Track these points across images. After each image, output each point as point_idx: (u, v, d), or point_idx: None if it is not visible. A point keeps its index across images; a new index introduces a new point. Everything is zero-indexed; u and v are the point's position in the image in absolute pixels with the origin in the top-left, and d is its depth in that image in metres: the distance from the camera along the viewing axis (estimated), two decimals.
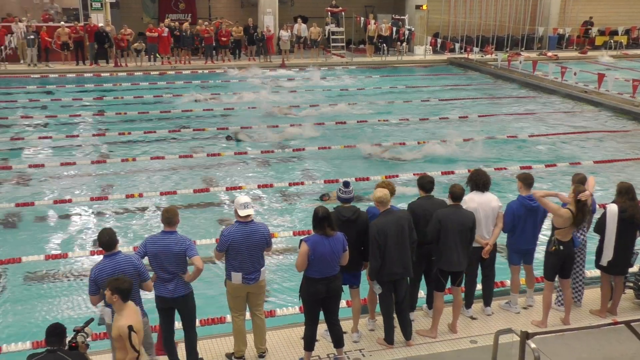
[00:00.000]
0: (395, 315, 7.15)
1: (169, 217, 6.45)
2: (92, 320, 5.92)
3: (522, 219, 7.60)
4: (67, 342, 5.43)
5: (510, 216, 7.61)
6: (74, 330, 5.59)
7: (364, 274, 7.27)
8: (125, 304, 5.65)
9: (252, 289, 6.75)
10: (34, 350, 6.79)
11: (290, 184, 13.25)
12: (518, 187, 7.82)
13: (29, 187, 13.21)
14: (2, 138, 16.74)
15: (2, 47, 24.81)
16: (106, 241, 6.01)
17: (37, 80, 24.32)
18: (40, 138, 16.50)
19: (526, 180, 7.69)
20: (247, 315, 6.99)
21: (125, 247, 9.57)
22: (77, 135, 16.78)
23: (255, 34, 28.59)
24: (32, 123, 18.22)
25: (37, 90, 22.75)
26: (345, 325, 7.18)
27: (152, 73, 25.99)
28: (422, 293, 7.98)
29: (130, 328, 5.49)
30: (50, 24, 27.09)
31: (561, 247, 7.28)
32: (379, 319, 7.45)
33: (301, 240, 6.50)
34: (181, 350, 6.77)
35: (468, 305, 7.87)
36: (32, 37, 25.49)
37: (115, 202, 12.25)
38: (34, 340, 7.28)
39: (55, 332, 5.33)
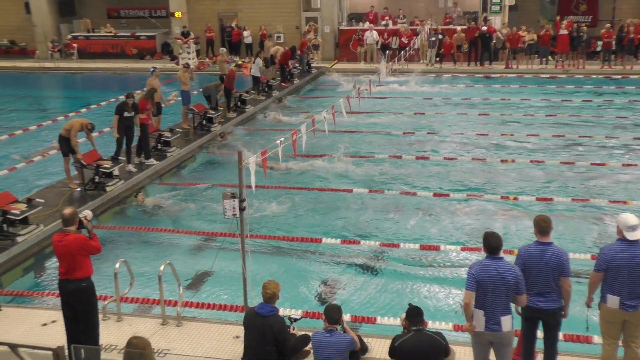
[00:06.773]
0: None
1: (546, 227, 6.18)
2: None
3: None
4: None
5: None
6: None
7: None
8: None
9: (631, 318, 6.12)
10: (400, 327, 7.31)
11: None
12: None
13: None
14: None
15: (407, 48, 27.15)
16: (495, 245, 5.97)
17: (430, 79, 25.73)
18: (404, 133, 17.68)
19: None
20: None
21: None
22: (462, 133, 17.51)
23: None
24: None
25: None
26: None
27: (541, 76, 25.37)
28: None
29: None
30: (451, 26, 28.57)
31: None
32: None
33: None
34: None
35: None
36: (433, 39, 27.29)
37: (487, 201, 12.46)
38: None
39: (419, 312, 6.01)
